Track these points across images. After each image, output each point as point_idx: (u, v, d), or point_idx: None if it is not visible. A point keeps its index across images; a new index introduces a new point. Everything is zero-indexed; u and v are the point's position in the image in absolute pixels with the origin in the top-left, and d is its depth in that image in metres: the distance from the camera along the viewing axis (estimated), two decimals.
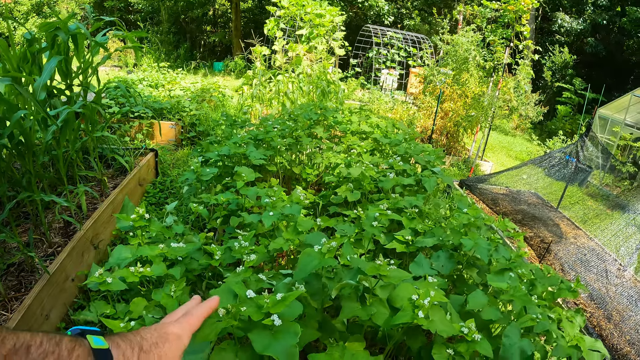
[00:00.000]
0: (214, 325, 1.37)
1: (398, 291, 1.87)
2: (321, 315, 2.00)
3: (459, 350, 1.85)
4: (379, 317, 1.83)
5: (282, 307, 1.47)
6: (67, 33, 4.29)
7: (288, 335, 1.46)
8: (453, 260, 2.50)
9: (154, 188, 6.34)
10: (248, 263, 2.07)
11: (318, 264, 1.82)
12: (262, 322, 1.44)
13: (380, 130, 5.13)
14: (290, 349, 1.43)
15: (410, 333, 2.04)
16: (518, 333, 1.99)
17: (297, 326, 1.46)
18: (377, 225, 2.60)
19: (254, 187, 3.07)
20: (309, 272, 1.80)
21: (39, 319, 3.12)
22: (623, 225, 7.02)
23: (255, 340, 1.45)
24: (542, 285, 2.57)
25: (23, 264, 3.58)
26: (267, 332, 1.47)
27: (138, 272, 2.18)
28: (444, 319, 1.81)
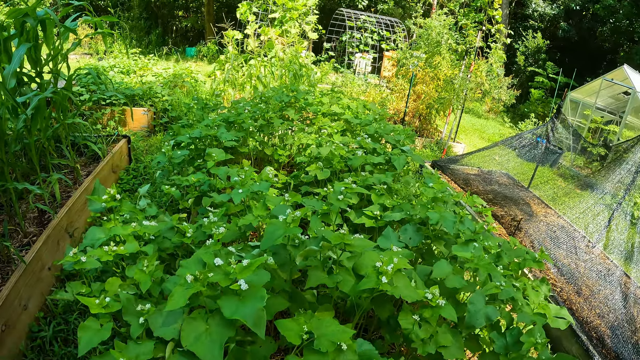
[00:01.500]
0: (184, 292, 1.40)
1: (363, 259, 1.92)
2: (290, 287, 2.04)
3: (425, 315, 1.91)
4: (345, 285, 1.88)
5: (249, 272, 1.51)
6: (35, 19, 4.23)
7: (255, 299, 1.50)
8: (420, 234, 2.56)
9: (128, 174, 6.31)
10: (217, 236, 2.10)
11: (283, 232, 1.85)
12: (230, 287, 1.47)
13: (351, 111, 5.17)
14: (257, 312, 1.48)
15: (378, 303, 2.09)
16: (483, 300, 2.06)
17: (264, 291, 1.51)
18: (344, 199, 2.64)
19: (224, 167, 3.09)
20: (274, 241, 1.84)
21: (17, 309, 3.12)
22: (591, 204, 7.17)
23: (224, 305, 1.49)
24: (508, 257, 2.65)
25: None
26: (235, 297, 1.51)
27: (112, 250, 2.20)
28: (409, 285, 1.86)
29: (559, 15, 22.84)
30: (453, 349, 2.01)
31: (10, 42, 4.33)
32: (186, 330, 1.55)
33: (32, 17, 4.20)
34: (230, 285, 1.48)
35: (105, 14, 24.25)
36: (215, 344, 1.52)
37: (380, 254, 1.92)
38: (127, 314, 1.94)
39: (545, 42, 21.80)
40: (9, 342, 2.97)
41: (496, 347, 2.06)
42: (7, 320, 2.92)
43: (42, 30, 4.51)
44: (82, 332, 1.91)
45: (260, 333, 1.52)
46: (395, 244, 2.35)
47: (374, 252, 1.93)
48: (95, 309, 1.94)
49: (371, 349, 1.74)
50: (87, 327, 1.94)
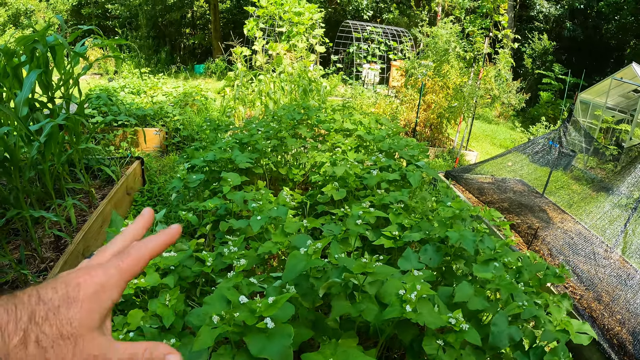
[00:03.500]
0: (210, 332, 1.41)
1: (386, 287, 1.92)
2: (314, 314, 2.04)
3: (448, 340, 1.90)
4: (368, 313, 1.88)
5: (274, 310, 1.52)
6: (45, 45, 4.28)
7: (282, 337, 1.51)
8: (440, 253, 2.55)
9: (142, 196, 6.34)
10: (238, 268, 2.11)
11: (305, 265, 1.86)
12: (256, 325, 1.48)
13: (363, 126, 5.17)
14: (284, 349, 1.48)
15: (401, 326, 2.08)
16: (506, 321, 2.05)
17: (290, 328, 1.51)
18: (361, 223, 2.64)
19: (240, 192, 3.11)
20: (297, 274, 1.85)
21: None
22: (608, 208, 7.12)
23: (251, 343, 1.50)
24: (528, 273, 2.63)
25: (17, 281, 3.59)
26: (261, 335, 1.52)
27: (132, 283, 2.20)
28: (432, 311, 1.86)
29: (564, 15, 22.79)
30: None
31: (21, 69, 4.39)
32: None
33: (41, 44, 4.26)
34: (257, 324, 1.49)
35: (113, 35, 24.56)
36: None
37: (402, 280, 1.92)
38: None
39: (552, 44, 21.74)
40: None
41: None
42: None
43: (52, 55, 4.57)
44: None
45: None
46: (416, 265, 2.35)
47: (396, 280, 1.93)
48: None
49: None
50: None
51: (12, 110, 3.79)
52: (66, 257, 3.83)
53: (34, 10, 24.81)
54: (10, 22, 23.92)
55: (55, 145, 4.56)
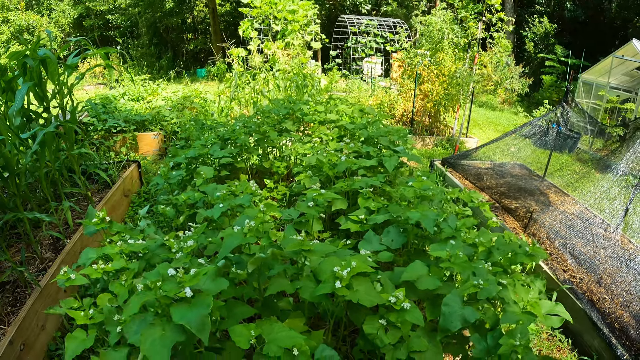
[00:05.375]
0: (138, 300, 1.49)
1: (322, 265, 1.93)
2: (261, 294, 2.09)
3: (390, 319, 1.89)
4: (304, 291, 1.91)
5: (196, 280, 1.59)
6: (36, 59, 4.46)
7: (201, 306, 1.59)
8: (405, 235, 2.56)
9: (139, 197, 6.51)
10: (186, 249, 2.20)
11: (238, 242, 1.92)
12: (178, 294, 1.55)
13: (347, 117, 5.20)
14: (202, 318, 1.57)
15: (353, 308, 2.09)
16: (459, 301, 2.00)
17: (210, 298, 1.60)
18: (313, 206, 2.67)
19: (213, 184, 3.17)
20: (229, 250, 1.92)
21: (36, 330, 3.34)
22: (607, 187, 7.04)
23: (174, 312, 1.60)
24: (500, 253, 2.60)
25: (18, 281, 3.78)
26: (185, 304, 1.60)
27: (100, 268, 2.42)
28: (370, 290, 1.86)
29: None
30: (429, 354, 1.97)
31: (15, 82, 4.56)
32: (145, 335, 1.64)
33: (31, 58, 4.45)
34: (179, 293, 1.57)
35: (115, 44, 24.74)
36: (164, 348, 1.61)
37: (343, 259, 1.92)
38: (109, 324, 2.12)
39: (553, 26, 21.53)
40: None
41: (475, 351, 2.00)
42: (26, 339, 3.16)
43: (45, 68, 4.78)
44: (69, 341, 2.16)
45: (204, 338, 1.58)
46: (377, 247, 2.37)
47: (334, 257, 1.94)
48: (80, 320, 2.19)
49: (333, 354, 1.75)
50: (73, 337, 2.19)
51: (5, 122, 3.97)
52: (63, 257, 4.03)
53: (36, 26, 25.08)
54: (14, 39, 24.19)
55: (49, 152, 4.78)
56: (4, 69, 4.41)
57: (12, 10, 25.16)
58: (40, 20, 26.04)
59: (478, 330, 2.13)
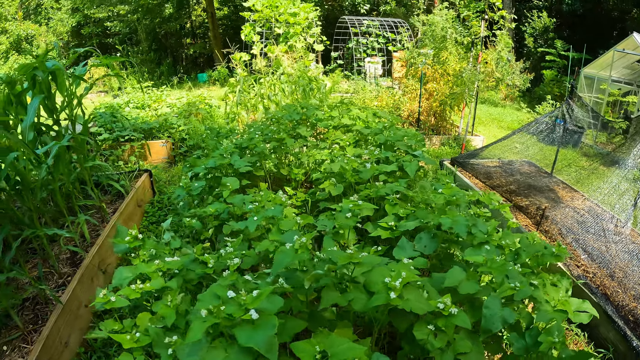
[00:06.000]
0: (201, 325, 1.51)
1: (372, 276, 1.98)
2: (308, 307, 2.11)
3: (439, 324, 1.95)
4: (356, 303, 1.95)
5: (258, 302, 1.62)
6: (45, 71, 4.43)
7: (266, 327, 1.62)
8: (436, 240, 2.60)
9: (153, 207, 6.48)
10: (233, 267, 2.21)
11: (291, 259, 1.94)
12: (243, 317, 1.57)
13: (361, 121, 5.23)
14: (269, 339, 1.59)
15: (396, 315, 2.14)
16: (499, 303, 2.07)
17: (275, 318, 1.61)
18: (351, 216, 2.70)
19: (239, 195, 3.20)
20: (282, 268, 1.93)
21: (59, 347, 3.28)
22: (615, 182, 7.07)
23: (239, 334, 1.61)
24: (527, 254, 2.65)
25: (37, 298, 3.73)
26: (249, 326, 1.62)
27: (139, 288, 2.36)
28: (420, 297, 1.91)
29: None
30: (472, 355, 2.04)
31: (25, 95, 4.53)
32: (207, 359, 1.66)
33: (40, 70, 4.41)
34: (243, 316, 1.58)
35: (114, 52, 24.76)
36: None
37: (390, 269, 1.97)
38: (157, 346, 2.09)
39: (552, 21, 21.53)
40: None
41: (515, 349, 2.08)
42: (50, 357, 3.11)
43: (53, 80, 4.71)
44: None
45: (273, 358, 1.61)
46: (411, 253, 2.41)
47: (383, 268, 1.99)
48: (127, 344, 2.12)
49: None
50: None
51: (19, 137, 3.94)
52: (82, 271, 3.98)
53: (35, 35, 25.07)
54: (13, 49, 24.18)
55: (63, 165, 4.70)
56: (13, 81, 4.35)
57: (10, 21, 25.14)
58: (38, 29, 26.05)
59: (514, 330, 2.19)
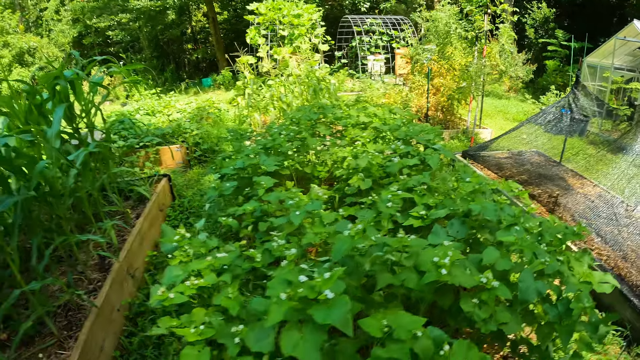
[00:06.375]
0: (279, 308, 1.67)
1: (422, 256, 2.18)
2: (360, 291, 2.28)
3: (482, 298, 2.16)
4: (409, 281, 2.13)
5: (330, 284, 1.78)
6: (65, 80, 4.53)
7: (341, 305, 1.78)
8: (466, 226, 2.78)
9: (174, 211, 6.58)
10: (290, 257, 2.36)
11: (350, 245, 2.12)
12: (318, 298, 1.73)
13: (378, 118, 5.39)
14: (344, 315, 1.76)
15: (440, 293, 2.35)
16: (531, 277, 2.28)
17: (347, 297, 1.79)
18: (392, 205, 2.88)
19: (275, 192, 3.35)
20: (343, 254, 2.11)
21: (96, 352, 3.36)
22: (624, 168, 7.21)
23: (315, 314, 1.76)
24: (549, 235, 2.84)
25: (69, 304, 3.77)
26: (323, 306, 1.78)
27: (193, 284, 2.46)
28: (464, 274, 2.11)
29: None
30: (512, 325, 2.26)
31: (45, 105, 4.58)
32: (285, 340, 1.82)
33: (63, 79, 4.50)
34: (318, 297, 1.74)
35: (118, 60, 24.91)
36: (313, 348, 1.79)
37: (435, 250, 2.16)
38: (221, 337, 2.19)
39: (552, 11, 21.61)
40: None
41: (550, 317, 2.29)
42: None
43: (72, 88, 4.79)
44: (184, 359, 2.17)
45: (349, 332, 1.80)
46: (444, 239, 2.57)
47: (430, 250, 2.18)
48: (192, 337, 2.20)
49: (441, 334, 1.98)
50: (187, 355, 2.19)
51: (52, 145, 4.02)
52: (113, 276, 4.05)
53: (37, 47, 25.16)
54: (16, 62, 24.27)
55: (88, 172, 4.80)
56: (34, 92, 4.42)
57: (11, 34, 25.23)
58: (40, 41, 26.05)
59: (546, 302, 2.41)
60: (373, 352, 1.85)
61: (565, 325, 2.25)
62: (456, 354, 1.90)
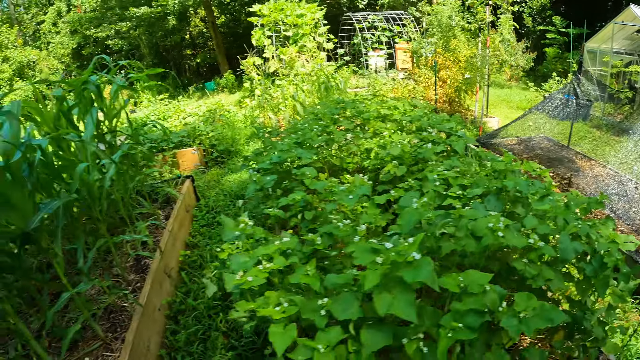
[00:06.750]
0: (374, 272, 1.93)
1: (477, 224, 2.47)
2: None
3: (531, 257, 2.48)
4: (469, 246, 2.42)
5: (415, 247, 2.03)
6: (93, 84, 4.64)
7: (426, 265, 2.06)
8: (502, 201, 3.05)
9: (200, 211, 6.76)
10: (361, 232, 2.61)
11: (419, 216, 2.39)
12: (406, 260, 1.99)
13: (397, 111, 5.65)
14: (430, 273, 2.03)
15: (490, 259, 2.64)
16: (568, 238, 2.59)
17: (429, 258, 2.04)
18: (439, 184, 3.16)
19: (322, 181, 3.60)
20: (414, 224, 2.38)
21: (143, 351, 3.45)
22: (631, 147, 7.48)
23: (406, 274, 2.03)
24: (575, 204, 3.13)
25: (110, 307, 3.86)
26: (410, 267, 2.04)
27: (266, 267, 2.66)
28: (515, 236, 2.40)
29: None
30: (556, 281, 2.55)
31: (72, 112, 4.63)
32: (378, 302, 2.04)
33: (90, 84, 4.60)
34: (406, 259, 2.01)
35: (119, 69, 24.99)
36: (406, 305, 2.03)
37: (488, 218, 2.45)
38: (305, 312, 2.37)
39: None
40: None
41: (587, 272, 2.59)
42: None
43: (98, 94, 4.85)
44: (274, 337, 2.30)
45: (436, 287, 2.06)
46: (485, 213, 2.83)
47: (484, 218, 2.46)
48: (277, 315, 2.37)
49: (502, 289, 2.27)
50: (275, 333, 2.32)
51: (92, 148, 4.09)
52: (153, 276, 4.16)
53: (37, 60, 25.25)
54: (16, 76, 24.34)
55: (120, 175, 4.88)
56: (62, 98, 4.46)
57: (10, 49, 25.27)
58: (39, 54, 26.08)
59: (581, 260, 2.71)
60: (452, 306, 2.12)
61: (601, 277, 2.55)
62: (519, 304, 2.19)
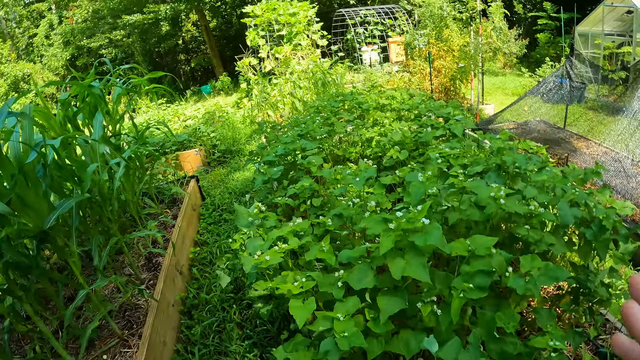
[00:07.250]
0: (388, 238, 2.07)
1: (480, 194, 2.60)
2: None
3: (532, 222, 2.61)
4: (474, 215, 2.55)
5: (424, 213, 2.18)
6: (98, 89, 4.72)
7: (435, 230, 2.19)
8: (502, 176, 3.20)
9: (206, 209, 6.91)
10: (371, 208, 2.75)
11: (424, 189, 2.53)
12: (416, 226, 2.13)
13: (395, 100, 5.81)
14: (440, 237, 2.17)
15: (493, 229, 2.78)
16: (567, 205, 2.71)
17: (437, 223, 2.18)
18: (442, 162, 3.31)
19: (327, 169, 3.74)
20: (421, 196, 2.52)
21: (160, 346, 3.53)
22: (625, 124, 7.63)
23: (416, 239, 2.16)
24: (572, 176, 3.28)
25: (124, 305, 3.93)
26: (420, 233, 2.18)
27: (282, 248, 2.78)
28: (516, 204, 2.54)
29: None
30: (558, 246, 2.69)
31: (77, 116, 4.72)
32: (393, 267, 2.18)
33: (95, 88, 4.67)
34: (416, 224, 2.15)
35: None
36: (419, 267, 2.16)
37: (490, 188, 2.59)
38: (322, 286, 2.51)
39: None
40: None
41: (588, 236, 2.71)
42: (154, 358, 3.33)
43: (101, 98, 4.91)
44: (295, 310, 2.39)
45: (447, 250, 2.22)
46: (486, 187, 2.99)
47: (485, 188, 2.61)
48: (295, 290, 2.49)
49: (507, 254, 2.40)
50: (295, 307, 2.44)
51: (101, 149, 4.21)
52: (165, 272, 4.26)
53: (31, 74, 25.27)
54: (12, 90, 24.37)
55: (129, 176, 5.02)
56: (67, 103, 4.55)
57: (4, 63, 25.30)
58: (33, 67, 26.10)
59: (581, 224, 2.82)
60: (462, 269, 2.26)
61: (601, 240, 2.67)
62: (524, 265, 2.33)
